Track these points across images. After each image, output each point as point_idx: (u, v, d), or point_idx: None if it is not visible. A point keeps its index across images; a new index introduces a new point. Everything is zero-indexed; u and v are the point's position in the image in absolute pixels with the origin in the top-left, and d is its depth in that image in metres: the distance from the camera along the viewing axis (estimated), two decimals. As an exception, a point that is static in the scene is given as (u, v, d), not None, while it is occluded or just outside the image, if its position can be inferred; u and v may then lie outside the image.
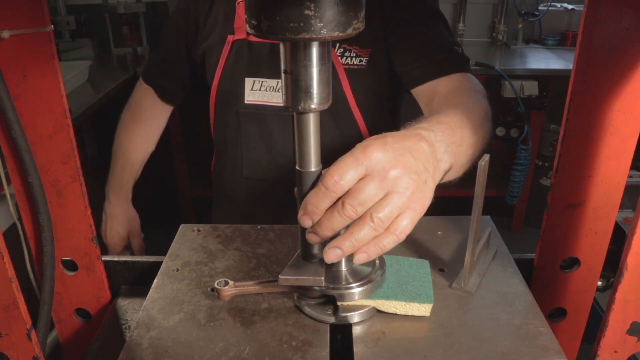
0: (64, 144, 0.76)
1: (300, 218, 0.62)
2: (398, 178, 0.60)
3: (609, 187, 0.72)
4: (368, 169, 0.60)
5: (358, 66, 1.15)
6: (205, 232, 0.88)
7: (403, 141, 0.63)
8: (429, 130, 0.69)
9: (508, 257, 0.80)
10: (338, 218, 0.60)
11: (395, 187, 0.60)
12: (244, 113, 1.21)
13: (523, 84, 2.68)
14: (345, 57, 1.15)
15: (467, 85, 1.02)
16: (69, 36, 3.00)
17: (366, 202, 0.59)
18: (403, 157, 0.61)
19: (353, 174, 0.59)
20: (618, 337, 0.60)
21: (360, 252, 0.62)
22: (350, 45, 1.15)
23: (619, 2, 0.62)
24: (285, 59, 0.58)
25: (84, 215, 0.80)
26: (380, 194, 0.60)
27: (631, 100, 0.66)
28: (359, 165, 0.59)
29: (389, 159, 0.60)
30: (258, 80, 1.19)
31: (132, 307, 0.89)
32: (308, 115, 0.61)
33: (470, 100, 0.93)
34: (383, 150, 0.60)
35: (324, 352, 0.63)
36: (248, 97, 1.20)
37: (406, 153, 0.62)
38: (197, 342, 0.65)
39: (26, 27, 0.68)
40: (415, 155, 0.63)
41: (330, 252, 0.62)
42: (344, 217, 0.60)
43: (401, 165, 0.61)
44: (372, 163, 0.59)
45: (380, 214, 0.60)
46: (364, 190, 0.59)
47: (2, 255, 0.55)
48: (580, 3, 3.25)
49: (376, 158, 0.60)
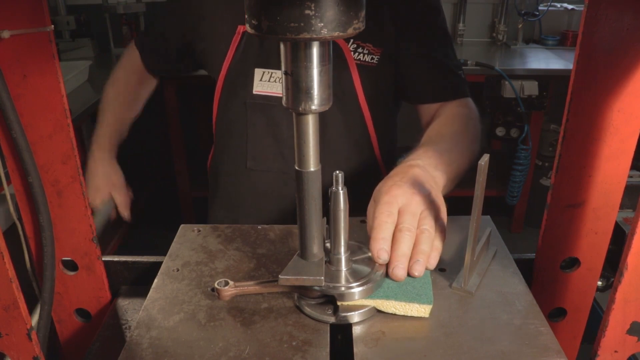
0: (64, 144, 0.76)
1: (379, 252, 0.72)
2: (415, 203, 0.76)
3: (609, 187, 0.72)
4: (400, 207, 0.75)
5: (369, 63, 1.17)
6: (205, 232, 0.88)
7: (406, 176, 0.80)
8: (417, 159, 0.88)
9: (508, 257, 0.80)
10: (406, 237, 0.73)
11: (423, 207, 0.76)
12: (252, 103, 1.21)
13: (523, 84, 2.68)
14: (357, 52, 1.16)
15: (464, 112, 1.15)
16: (69, 36, 3.00)
17: (413, 221, 0.74)
18: (414, 187, 0.78)
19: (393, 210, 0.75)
20: (618, 337, 0.60)
21: (426, 263, 0.73)
22: (364, 42, 1.16)
23: (619, 2, 0.62)
24: (285, 60, 0.58)
25: (84, 215, 0.80)
26: (419, 213, 0.76)
27: (631, 100, 0.66)
28: (391, 205, 0.75)
29: (407, 194, 0.77)
30: (267, 72, 1.19)
31: (132, 307, 0.89)
32: (307, 116, 0.61)
33: (462, 127, 1.10)
34: (399, 188, 0.77)
35: (324, 352, 0.63)
36: (257, 87, 1.20)
37: (413, 183, 0.79)
38: (197, 342, 0.65)
39: (26, 27, 0.68)
40: (418, 179, 0.80)
41: (415, 268, 0.72)
42: (406, 233, 0.73)
43: (418, 193, 0.77)
44: (398, 200, 0.76)
45: (427, 225, 0.75)
46: (407, 215, 0.74)
47: (2, 255, 0.55)
48: (580, 3, 3.25)
49: (396, 194, 0.76)
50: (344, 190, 0.66)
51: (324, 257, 0.70)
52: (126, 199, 1.32)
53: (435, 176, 0.86)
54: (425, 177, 0.82)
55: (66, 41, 2.99)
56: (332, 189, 0.66)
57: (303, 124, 0.61)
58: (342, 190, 0.66)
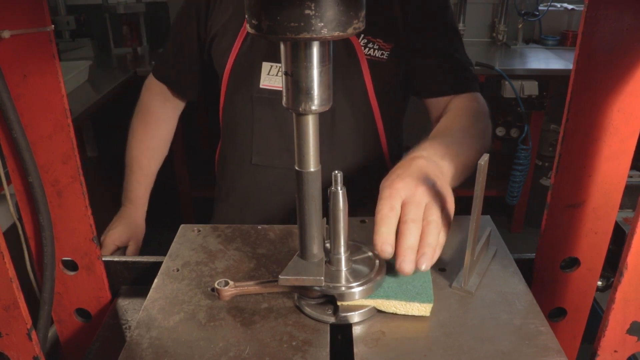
0: (64, 143, 0.76)
1: (383, 246, 0.69)
2: (418, 194, 0.73)
3: (609, 187, 0.72)
4: (403, 199, 0.73)
5: (379, 59, 1.16)
6: (205, 232, 0.88)
7: (409, 168, 0.78)
8: (422, 151, 0.85)
9: (508, 257, 0.80)
10: (412, 228, 0.70)
11: (428, 198, 0.74)
12: (258, 98, 1.19)
13: (523, 84, 2.68)
14: (368, 47, 1.16)
15: (474, 106, 1.14)
16: (69, 36, 3.00)
17: (419, 212, 0.72)
18: (417, 179, 0.75)
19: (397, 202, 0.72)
20: (618, 336, 0.60)
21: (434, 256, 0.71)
22: (374, 38, 1.16)
23: (619, 2, 0.62)
24: (285, 60, 0.58)
25: (84, 215, 0.80)
26: (424, 203, 0.73)
27: (631, 100, 0.66)
28: (393, 198, 0.72)
29: (410, 185, 0.74)
30: (275, 66, 1.18)
31: (132, 307, 0.89)
32: (307, 116, 0.61)
33: (471, 121, 1.08)
34: (401, 180, 0.74)
35: (324, 352, 0.63)
36: (264, 81, 1.19)
37: (417, 174, 0.76)
38: (197, 342, 0.65)
39: (26, 27, 0.68)
40: (422, 170, 0.77)
41: (422, 261, 0.70)
42: (411, 225, 0.70)
43: (421, 184, 0.74)
44: (401, 193, 0.73)
45: (433, 216, 0.72)
46: (411, 206, 0.72)
47: (2, 255, 0.55)
48: (580, 3, 3.25)
49: (398, 187, 0.73)
50: (343, 190, 0.66)
51: (324, 257, 0.70)
52: (137, 253, 1.33)
53: (442, 166, 0.83)
54: (430, 167, 0.79)
55: (66, 41, 2.99)
56: (332, 189, 0.66)
57: (303, 124, 0.61)
58: (342, 190, 0.66)
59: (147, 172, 1.36)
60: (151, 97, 1.39)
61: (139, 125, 1.38)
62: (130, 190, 1.34)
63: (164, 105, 1.39)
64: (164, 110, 1.39)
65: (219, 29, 1.24)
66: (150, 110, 1.39)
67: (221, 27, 1.23)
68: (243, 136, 1.25)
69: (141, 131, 1.37)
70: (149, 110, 1.39)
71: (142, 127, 1.37)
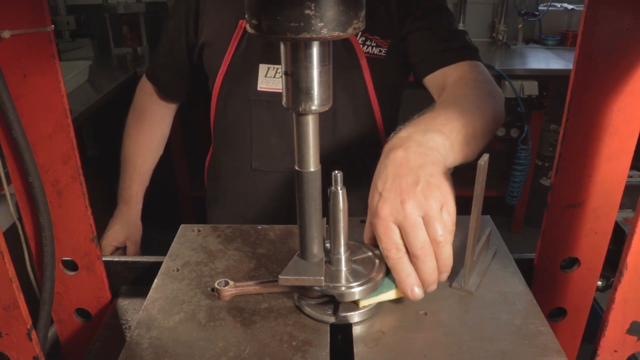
0: (64, 144, 0.76)
1: (413, 294, 0.67)
2: (409, 213, 0.65)
3: (609, 187, 0.72)
4: (398, 225, 0.66)
5: (377, 56, 1.16)
6: (205, 232, 0.88)
7: (387, 178, 0.68)
8: (402, 131, 0.74)
9: (508, 257, 0.80)
10: (427, 261, 0.66)
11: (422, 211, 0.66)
12: (256, 100, 1.18)
13: (523, 84, 2.68)
14: (366, 45, 1.15)
15: (472, 76, 1.05)
16: (69, 36, 3.00)
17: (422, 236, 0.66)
18: (401, 191, 0.67)
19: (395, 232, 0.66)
20: (618, 336, 0.60)
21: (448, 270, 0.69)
22: (371, 35, 1.15)
23: (619, 2, 0.62)
24: (285, 60, 0.58)
25: (84, 215, 0.80)
26: (420, 218, 0.66)
27: (631, 100, 0.66)
28: (390, 233, 0.66)
29: (395, 204, 0.66)
30: (273, 67, 1.16)
31: (132, 307, 0.89)
32: (307, 116, 0.61)
33: (469, 90, 0.98)
34: (385, 203, 0.66)
35: (324, 352, 0.63)
36: (261, 84, 1.17)
37: (397, 182, 0.67)
38: (197, 342, 0.65)
39: (27, 27, 0.68)
40: (401, 171, 0.68)
41: (443, 278, 0.69)
42: (423, 257, 0.66)
43: (407, 197, 0.66)
44: (392, 220, 0.66)
45: (439, 234, 0.66)
46: (412, 233, 0.65)
47: (2, 255, 0.55)
48: (580, 3, 3.25)
49: (386, 215, 0.66)
50: (343, 190, 0.66)
51: (324, 257, 0.70)
52: (137, 252, 1.33)
53: (428, 140, 0.72)
54: (410, 155, 0.69)
55: (66, 41, 2.99)
56: (332, 189, 0.66)
57: (303, 124, 0.61)
58: (342, 190, 0.66)
59: (141, 171, 1.36)
60: (145, 96, 1.39)
61: (133, 124, 1.38)
62: (124, 189, 1.34)
63: (158, 105, 1.39)
64: (158, 110, 1.39)
65: (210, 33, 1.22)
66: (143, 110, 1.39)
67: (213, 30, 1.22)
68: (241, 141, 1.23)
69: (135, 131, 1.37)
70: (143, 110, 1.39)
71: (135, 126, 1.37)
